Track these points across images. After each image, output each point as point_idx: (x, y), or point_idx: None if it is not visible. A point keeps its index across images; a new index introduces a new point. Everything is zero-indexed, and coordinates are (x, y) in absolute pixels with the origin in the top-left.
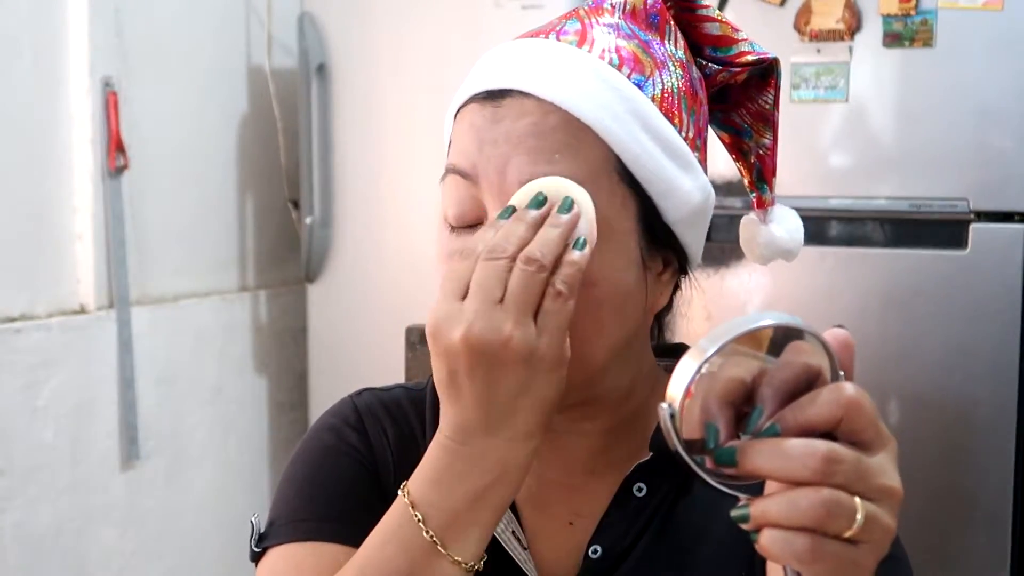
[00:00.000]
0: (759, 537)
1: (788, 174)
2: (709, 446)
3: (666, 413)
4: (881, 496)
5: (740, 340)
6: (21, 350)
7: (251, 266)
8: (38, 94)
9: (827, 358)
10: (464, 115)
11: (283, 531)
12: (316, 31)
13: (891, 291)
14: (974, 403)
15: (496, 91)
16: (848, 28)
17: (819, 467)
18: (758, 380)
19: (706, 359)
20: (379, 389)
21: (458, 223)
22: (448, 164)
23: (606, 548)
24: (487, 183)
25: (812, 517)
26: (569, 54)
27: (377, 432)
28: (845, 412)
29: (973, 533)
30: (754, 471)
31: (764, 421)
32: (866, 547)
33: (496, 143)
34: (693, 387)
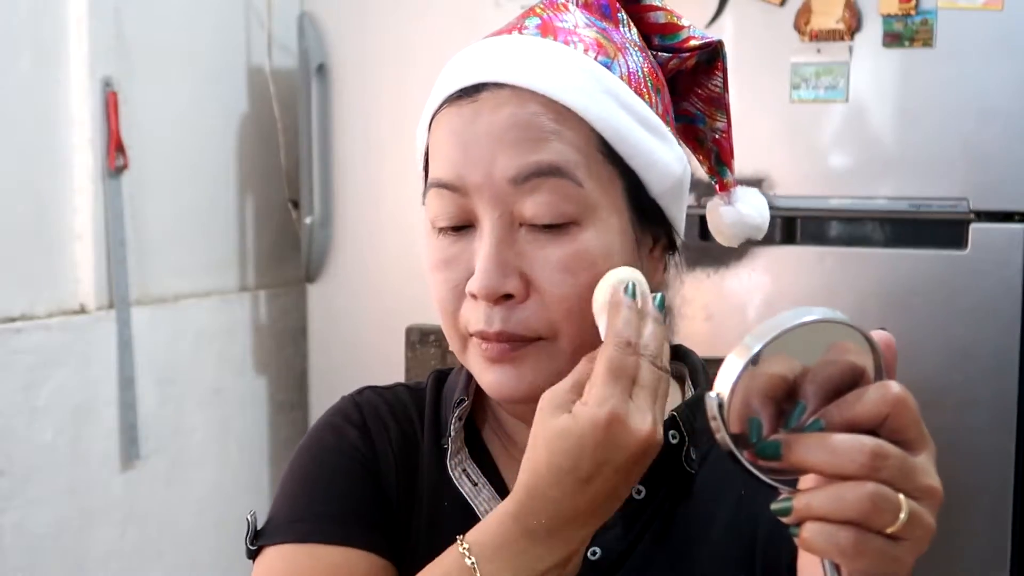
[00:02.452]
0: (800, 531)
1: (788, 174)
2: (751, 440)
3: (714, 402)
4: (923, 495)
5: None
6: (21, 350)
7: (251, 266)
8: (38, 94)
9: (871, 357)
10: (440, 121)
11: (280, 531)
12: (316, 31)
13: (891, 291)
14: (974, 403)
15: (469, 87)
16: (848, 28)
17: (867, 462)
18: (799, 377)
19: (753, 354)
20: (380, 388)
21: (448, 228)
22: (432, 179)
23: (605, 550)
24: (475, 188)
25: (858, 511)
26: (537, 44)
27: (380, 430)
28: (891, 410)
29: (973, 533)
30: (799, 464)
31: (808, 417)
32: (907, 544)
33: (479, 142)
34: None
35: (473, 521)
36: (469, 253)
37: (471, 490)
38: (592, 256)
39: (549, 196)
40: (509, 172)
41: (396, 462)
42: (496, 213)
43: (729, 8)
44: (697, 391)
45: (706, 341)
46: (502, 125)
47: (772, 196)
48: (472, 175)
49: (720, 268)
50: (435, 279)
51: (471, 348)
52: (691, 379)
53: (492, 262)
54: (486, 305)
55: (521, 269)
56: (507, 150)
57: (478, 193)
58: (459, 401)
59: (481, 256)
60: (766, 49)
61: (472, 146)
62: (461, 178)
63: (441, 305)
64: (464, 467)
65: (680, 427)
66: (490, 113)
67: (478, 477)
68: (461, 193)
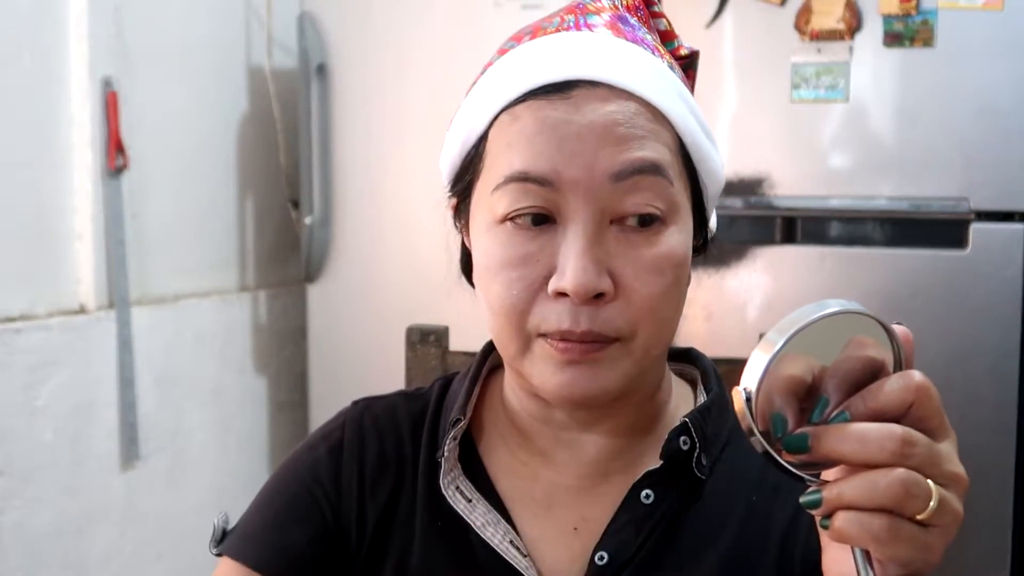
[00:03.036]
0: (832, 521)
1: (788, 174)
2: (777, 435)
3: (742, 396)
4: (950, 482)
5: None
6: (21, 350)
7: (251, 266)
8: (38, 94)
9: (891, 349)
10: (521, 114)
11: (235, 545)
12: (316, 31)
13: (891, 291)
14: (974, 403)
15: (560, 83)
16: (848, 28)
17: (897, 448)
18: (820, 373)
19: (778, 349)
20: (376, 398)
21: (527, 222)
22: (515, 172)
23: (612, 554)
24: (571, 182)
25: (891, 497)
26: (617, 44)
27: (352, 454)
28: (915, 397)
29: (973, 533)
30: (828, 455)
31: (832, 410)
32: (938, 531)
33: (581, 137)
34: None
35: (468, 535)
36: (551, 249)
37: (466, 507)
38: (677, 256)
39: (647, 194)
40: (613, 168)
41: (364, 492)
42: (591, 209)
43: (729, 8)
44: (710, 396)
45: (706, 341)
46: (604, 122)
47: (772, 196)
48: (570, 170)
49: (720, 268)
50: (503, 276)
51: (537, 348)
52: (703, 383)
53: (588, 259)
54: (573, 304)
55: (609, 267)
56: (610, 147)
57: (572, 188)
58: (455, 420)
59: (574, 253)
60: (766, 49)
61: (570, 141)
62: (556, 172)
63: (508, 304)
64: (457, 484)
65: (691, 432)
66: (590, 110)
67: (471, 493)
68: (550, 187)
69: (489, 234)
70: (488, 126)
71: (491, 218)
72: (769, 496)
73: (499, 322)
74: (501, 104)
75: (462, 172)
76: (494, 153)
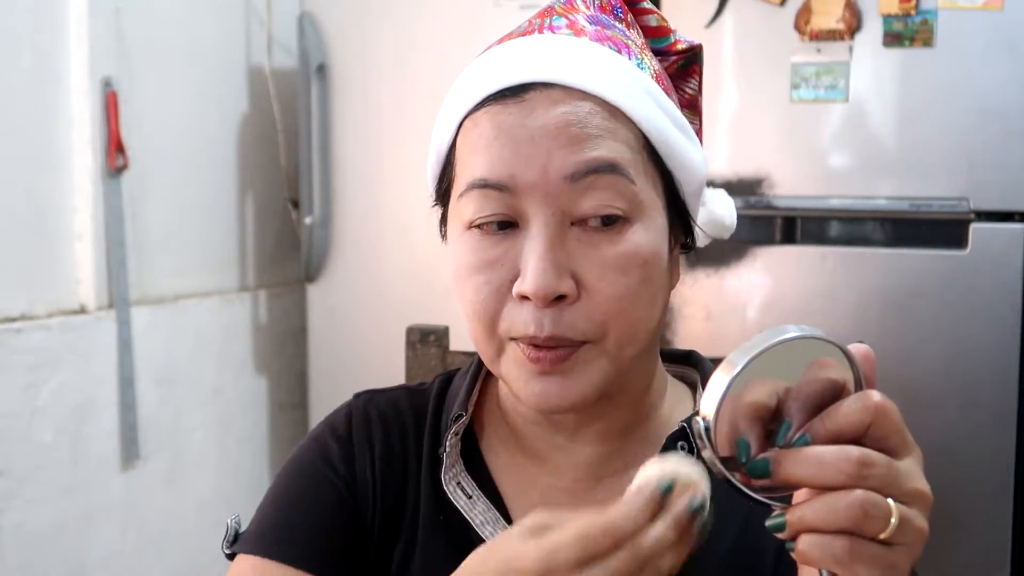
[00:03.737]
0: (796, 544)
1: (788, 174)
2: (741, 460)
3: (700, 427)
4: (913, 499)
5: (765, 355)
6: (21, 350)
7: (251, 266)
8: (38, 94)
9: (851, 370)
10: (479, 120)
11: (254, 542)
12: (316, 31)
13: (891, 291)
14: (974, 403)
15: (514, 87)
16: (848, 28)
17: (853, 471)
18: (783, 397)
19: (736, 373)
20: (379, 391)
21: (491, 228)
22: (475, 179)
23: None
24: (528, 186)
25: (849, 518)
26: (576, 44)
27: (363, 444)
28: (873, 417)
29: (973, 533)
30: (788, 479)
31: (794, 433)
32: (901, 549)
33: (533, 140)
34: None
35: (469, 533)
36: (514, 253)
37: (466, 503)
38: (643, 254)
39: (605, 193)
40: (567, 169)
41: (376, 479)
42: (549, 211)
43: (729, 8)
44: None
45: (706, 341)
46: (557, 123)
47: (772, 196)
48: (526, 173)
49: (720, 268)
50: (473, 281)
51: (509, 354)
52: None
53: (547, 262)
54: (535, 307)
55: (571, 269)
56: (563, 148)
57: (530, 192)
58: (456, 416)
59: (534, 256)
60: (766, 49)
61: (524, 144)
62: (513, 177)
63: (478, 308)
64: (459, 480)
65: (689, 438)
66: (543, 112)
67: (472, 490)
68: (509, 192)
69: (460, 240)
70: (455, 134)
71: (460, 224)
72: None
73: (473, 326)
74: (464, 111)
75: (439, 181)
76: (461, 161)
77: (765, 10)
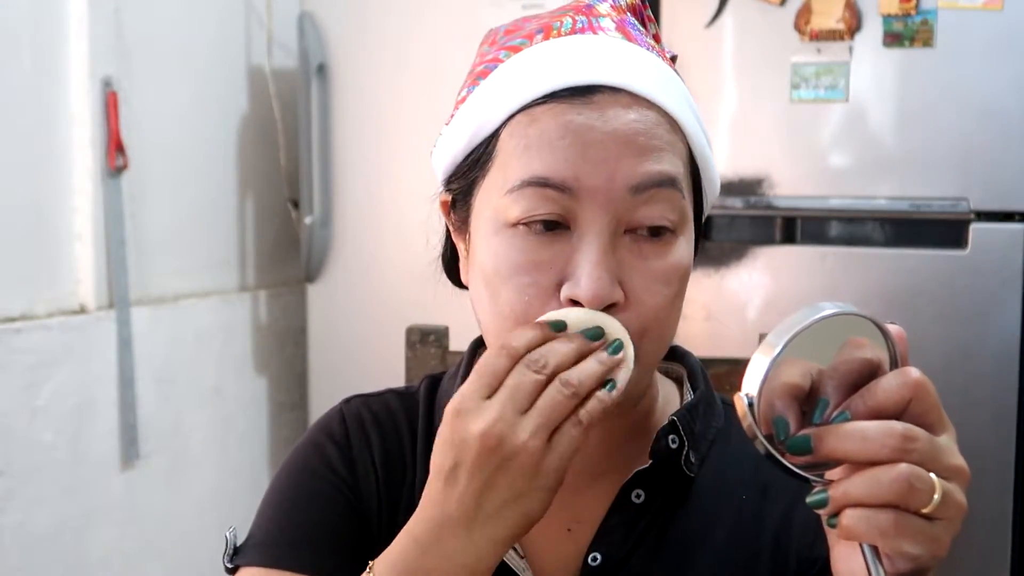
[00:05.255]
0: (840, 519)
1: (788, 174)
2: (780, 437)
3: (744, 402)
4: (953, 475)
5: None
6: (21, 350)
7: (251, 266)
8: (38, 94)
9: (886, 348)
10: (541, 116)
11: (257, 552)
12: (316, 31)
13: (891, 291)
14: (974, 403)
15: (582, 87)
16: (848, 28)
17: (898, 444)
18: (818, 376)
19: (778, 353)
20: (369, 395)
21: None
22: (536, 176)
23: (605, 555)
24: (591, 191)
25: (896, 492)
26: (632, 50)
27: (362, 447)
28: (913, 393)
29: (973, 533)
30: (832, 454)
31: (832, 411)
32: (942, 524)
33: (604, 145)
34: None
35: None
36: (563, 256)
37: None
38: (684, 267)
39: (662, 206)
40: (633, 179)
41: (378, 479)
42: (607, 218)
43: (729, 8)
44: (696, 394)
45: (706, 341)
46: (627, 131)
47: (772, 196)
48: (591, 178)
49: (720, 268)
50: (515, 282)
51: None
52: (689, 381)
53: (602, 269)
54: None
55: (620, 277)
56: (631, 157)
57: (591, 196)
58: None
59: (589, 262)
60: (766, 49)
61: (593, 148)
62: (577, 179)
63: (519, 309)
64: None
65: (679, 431)
66: (614, 117)
67: None
68: (568, 194)
69: (499, 237)
70: (501, 125)
71: (502, 221)
72: (759, 494)
73: (508, 326)
74: (517, 104)
75: (466, 169)
76: (507, 153)
77: (765, 10)
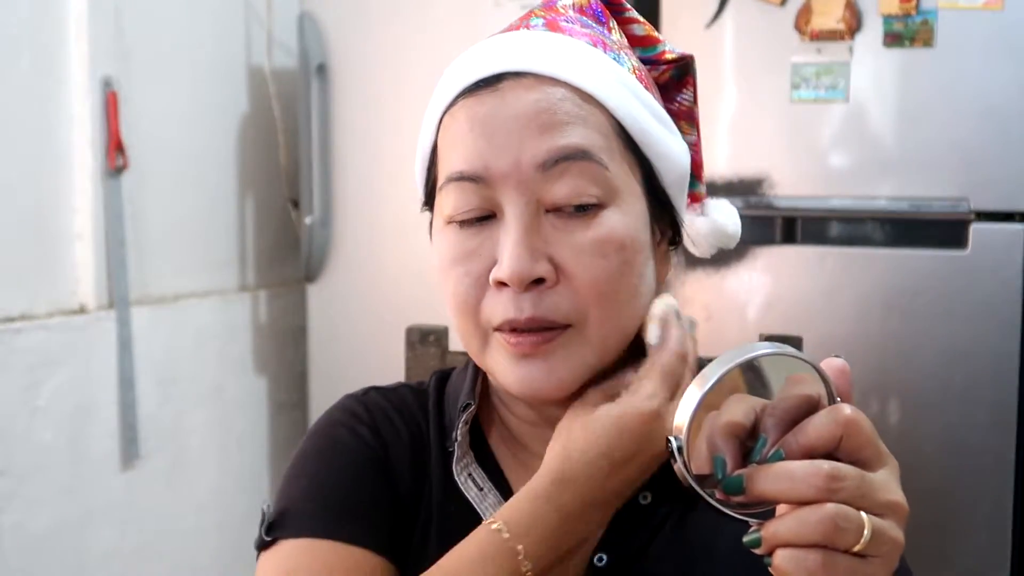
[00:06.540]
0: (772, 559)
1: (788, 174)
2: (717, 477)
3: (674, 445)
4: (886, 511)
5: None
6: (21, 350)
7: (251, 266)
8: (38, 94)
9: (823, 385)
10: (456, 114)
11: (299, 524)
12: (316, 31)
13: (891, 291)
14: (974, 403)
15: (489, 78)
16: (848, 28)
17: (824, 484)
18: (759, 413)
19: (707, 389)
20: (384, 388)
21: (468, 221)
22: (453, 172)
23: (611, 557)
24: (501, 176)
25: (821, 532)
26: (550, 37)
27: (390, 429)
28: (844, 430)
29: (973, 533)
30: (762, 495)
31: (768, 449)
32: (877, 561)
33: (506, 129)
34: (696, 423)
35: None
36: (491, 243)
37: (476, 495)
38: (620, 239)
39: (577, 179)
40: (538, 158)
41: (408, 460)
42: (523, 200)
43: (729, 8)
44: None
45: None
46: (528, 111)
47: (772, 196)
48: (498, 163)
49: (720, 268)
50: (453, 274)
51: (493, 345)
52: None
53: (522, 247)
54: (514, 293)
55: (549, 255)
56: (534, 135)
57: (503, 181)
58: (465, 405)
59: (508, 243)
60: (766, 49)
61: (498, 134)
62: (487, 168)
63: (460, 300)
64: (470, 471)
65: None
66: (515, 100)
67: (483, 482)
68: (484, 184)
69: (440, 235)
70: (436, 133)
71: (441, 220)
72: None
73: (456, 320)
74: (442, 107)
75: (425, 183)
76: (441, 157)
77: (765, 10)
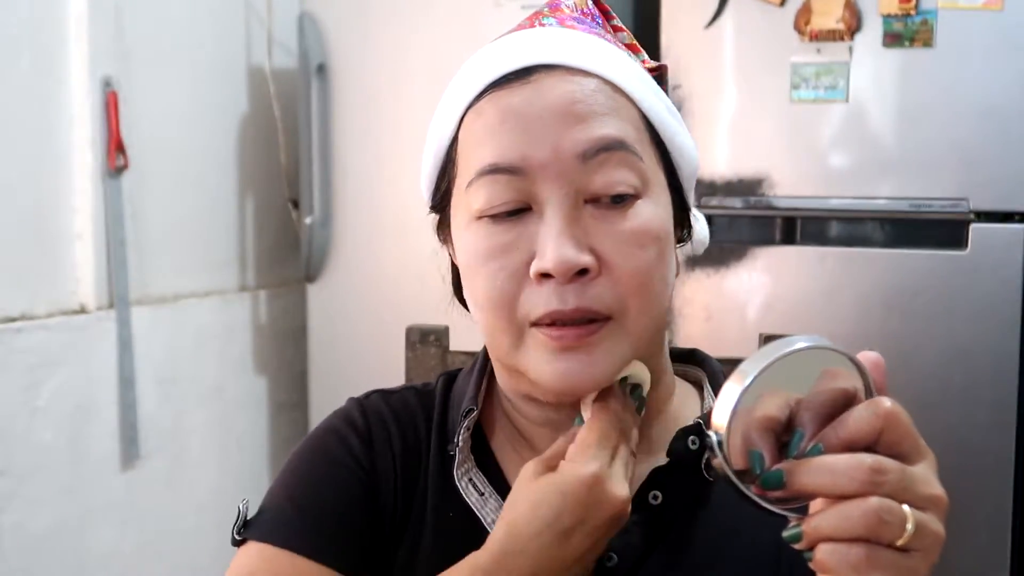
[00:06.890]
0: (814, 554)
1: (788, 174)
2: (755, 472)
3: (713, 440)
4: (927, 504)
5: (776, 366)
6: (21, 350)
7: (251, 266)
8: (38, 94)
9: (860, 378)
10: (484, 107)
11: (268, 529)
12: (316, 31)
13: (891, 291)
14: (974, 403)
15: (519, 70)
16: (848, 28)
17: (866, 478)
18: (795, 407)
19: (748, 384)
20: (388, 392)
21: (503, 214)
22: (486, 165)
23: (622, 556)
24: (540, 166)
25: (865, 526)
26: (573, 34)
27: (383, 440)
28: (884, 424)
29: (973, 533)
30: (802, 490)
31: (806, 443)
32: (918, 555)
33: (543, 120)
34: (733, 419)
35: (480, 531)
36: (528, 236)
37: (477, 500)
38: (656, 230)
39: (616, 169)
40: (579, 147)
41: (397, 474)
42: (563, 190)
43: (729, 8)
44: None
45: (706, 341)
46: (564, 101)
47: (772, 196)
48: (537, 153)
49: (720, 268)
50: (485, 270)
51: (530, 340)
52: (710, 384)
53: (566, 237)
54: (557, 284)
55: (590, 245)
56: (572, 126)
57: (542, 172)
58: (468, 410)
59: (550, 234)
60: (766, 49)
61: (534, 125)
62: (524, 159)
63: (495, 295)
64: (470, 476)
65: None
66: (549, 91)
67: (484, 486)
68: (520, 176)
69: (468, 231)
70: (456, 129)
71: (468, 215)
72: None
73: (488, 317)
74: (465, 104)
75: (439, 182)
76: (465, 153)
77: (765, 10)
